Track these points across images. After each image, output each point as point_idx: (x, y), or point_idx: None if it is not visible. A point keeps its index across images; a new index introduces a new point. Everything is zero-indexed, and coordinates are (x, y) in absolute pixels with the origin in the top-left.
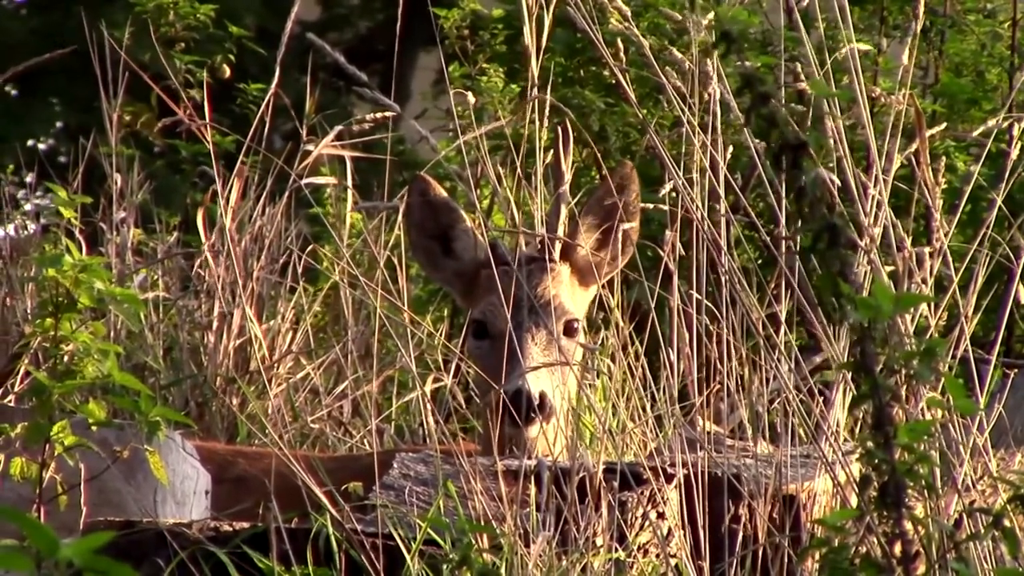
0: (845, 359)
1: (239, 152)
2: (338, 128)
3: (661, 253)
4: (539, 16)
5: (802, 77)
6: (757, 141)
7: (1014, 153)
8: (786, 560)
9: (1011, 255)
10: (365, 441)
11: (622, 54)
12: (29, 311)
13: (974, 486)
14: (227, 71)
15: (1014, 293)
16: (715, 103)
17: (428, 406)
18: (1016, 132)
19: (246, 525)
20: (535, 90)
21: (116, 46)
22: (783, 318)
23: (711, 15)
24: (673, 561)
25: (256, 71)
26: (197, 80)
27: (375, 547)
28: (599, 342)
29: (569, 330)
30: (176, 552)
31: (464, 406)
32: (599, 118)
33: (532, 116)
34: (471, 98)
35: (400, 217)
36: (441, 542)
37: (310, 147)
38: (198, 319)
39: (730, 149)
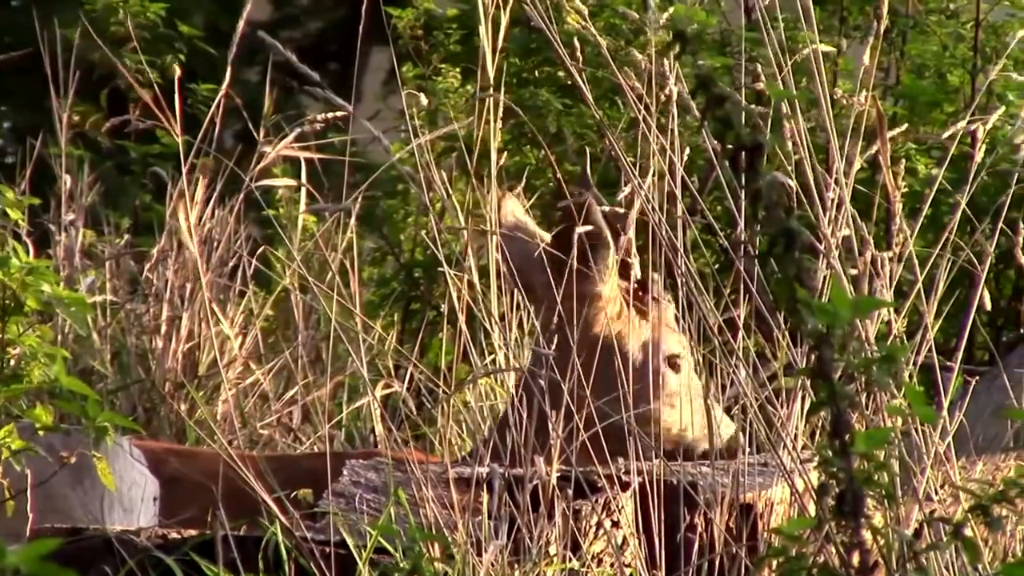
0: (804, 365)
1: (190, 153)
2: (298, 130)
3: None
4: (495, 16)
5: (761, 78)
6: (714, 143)
7: (978, 156)
8: (743, 570)
9: (974, 260)
10: (315, 448)
11: (579, 53)
12: None
13: (935, 495)
14: (177, 70)
15: (978, 298)
16: (672, 104)
17: (379, 412)
18: (980, 135)
19: (194, 533)
20: (490, 90)
21: (74, 44)
22: (741, 323)
23: (668, 13)
24: (628, 570)
25: (204, 71)
26: (148, 80)
27: (325, 555)
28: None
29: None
30: (123, 560)
31: (415, 412)
32: (555, 119)
33: (487, 117)
34: (423, 99)
35: (352, 220)
36: (392, 550)
37: (267, 148)
38: (146, 323)
39: (687, 151)
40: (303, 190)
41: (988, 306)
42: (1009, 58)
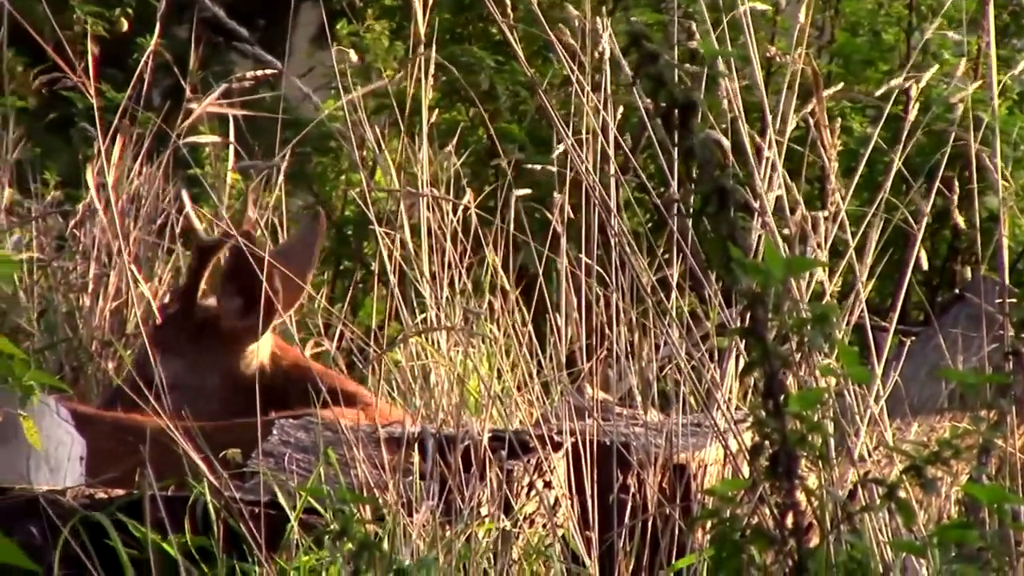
0: (737, 325)
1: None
2: (224, 86)
3: (549, 216)
4: None
5: (695, 36)
6: (647, 101)
7: (912, 115)
8: (676, 531)
9: (910, 219)
10: None
11: (510, 10)
12: None
13: (869, 456)
14: (125, 24)
15: (915, 258)
16: (605, 62)
17: None
18: (914, 93)
19: (121, 492)
20: (422, 47)
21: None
22: (674, 283)
23: None
24: (560, 531)
25: (140, 28)
26: (94, 31)
27: (254, 516)
28: (484, 306)
29: None
30: (50, 519)
31: (346, 372)
32: (489, 76)
33: (418, 74)
34: (353, 55)
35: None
36: (322, 511)
37: (193, 105)
38: (74, 281)
39: (620, 109)
40: (231, 148)
41: (925, 266)
42: (944, 16)
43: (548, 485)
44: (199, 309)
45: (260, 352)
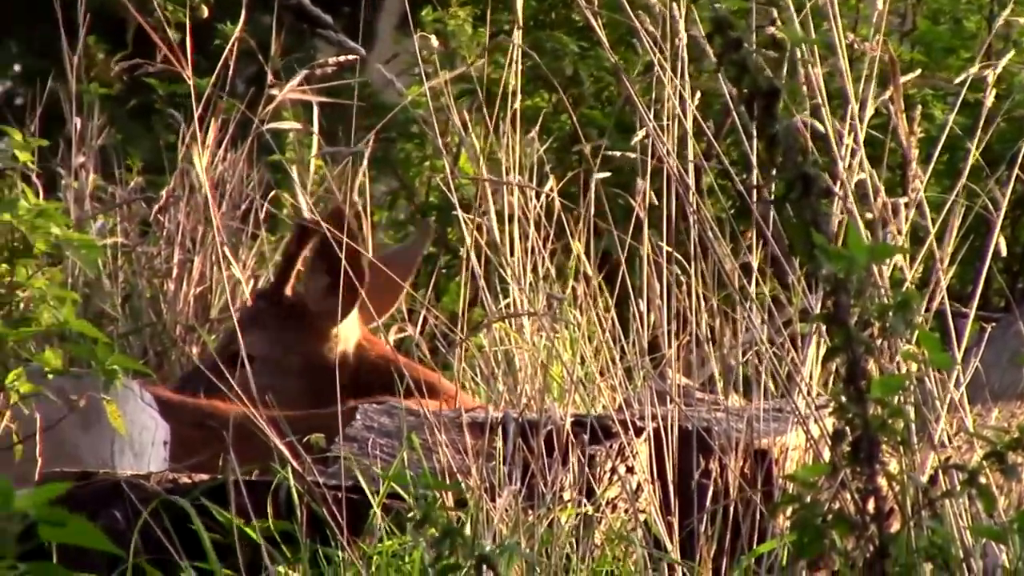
0: (819, 311)
1: (213, 95)
2: (304, 72)
3: (632, 202)
4: None
5: (777, 22)
6: (730, 87)
7: (989, 101)
8: (757, 516)
9: (989, 206)
10: None
11: None
12: None
13: (950, 442)
14: (206, 11)
15: (994, 245)
16: (683, 48)
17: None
18: (991, 80)
19: (205, 477)
20: (513, 33)
21: None
22: (756, 268)
23: None
24: (642, 516)
25: (220, 14)
26: (173, 19)
27: (337, 500)
28: (567, 292)
29: None
30: (133, 504)
31: (429, 357)
32: (572, 62)
33: (502, 59)
34: (435, 41)
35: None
36: (405, 496)
37: (275, 91)
38: (158, 266)
39: (697, 95)
40: (315, 134)
41: (1004, 252)
42: (1021, 3)
43: (630, 470)
44: (293, 288)
45: (345, 339)
